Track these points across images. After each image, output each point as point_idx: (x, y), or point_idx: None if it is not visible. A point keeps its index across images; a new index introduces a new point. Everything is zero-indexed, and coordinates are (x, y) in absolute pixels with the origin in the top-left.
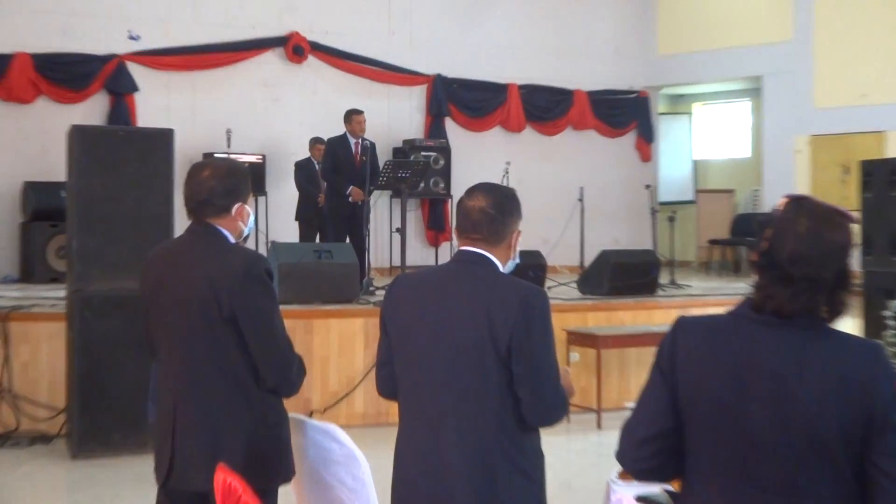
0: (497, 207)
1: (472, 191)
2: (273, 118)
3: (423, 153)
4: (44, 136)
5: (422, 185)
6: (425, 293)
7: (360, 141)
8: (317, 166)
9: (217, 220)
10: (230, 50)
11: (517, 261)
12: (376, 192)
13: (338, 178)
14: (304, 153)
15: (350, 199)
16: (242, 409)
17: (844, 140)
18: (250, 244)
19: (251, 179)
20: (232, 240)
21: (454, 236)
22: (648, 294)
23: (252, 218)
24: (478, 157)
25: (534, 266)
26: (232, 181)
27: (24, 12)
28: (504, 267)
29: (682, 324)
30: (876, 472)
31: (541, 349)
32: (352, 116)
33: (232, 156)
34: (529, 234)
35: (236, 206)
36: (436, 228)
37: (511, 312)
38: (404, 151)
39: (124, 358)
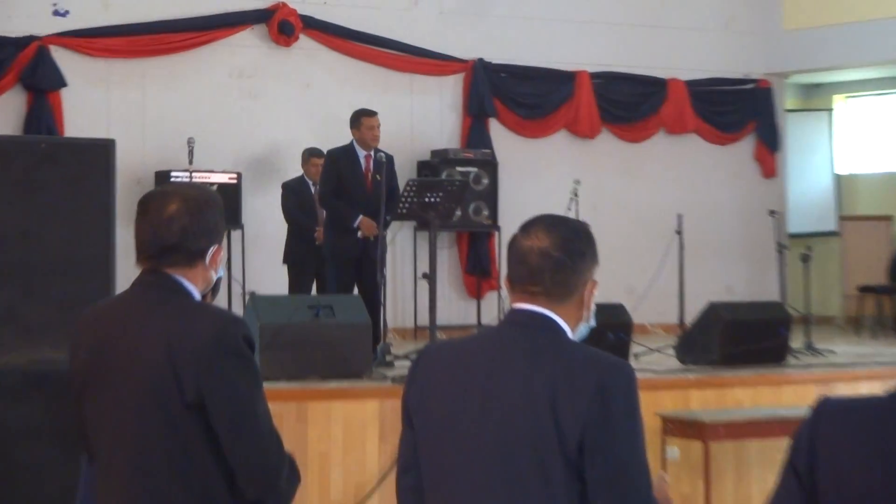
0: (564, 249)
1: (530, 226)
2: (252, 122)
3: (459, 169)
4: None
5: (458, 212)
6: (465, 371)
7: (371, 154)
8: (313, 188)
9: (182, 270)
10: (193, 28)
11: (592, 322)
12: (395, 224)
13: (342, 205)
14: (296, 170)
15: (359, 233)
16: None
17: None
18: (220, 298)
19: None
20: (197, 295)
21: (504, 287)
22: (775, 364)
23: (223, 258)
24: (535, 174)
25: (615, 327)
26: (210, 217)
27: None
28: (574, 331)
29: (825, 408)
30: None
31: (625, 447)
32: (361, 120)
33: (197, 175)
34: (608, 282)
35: (212, 249)
36: (478, 273)
37: (583, 397)
38: (433, 167)
39: (45, 456)
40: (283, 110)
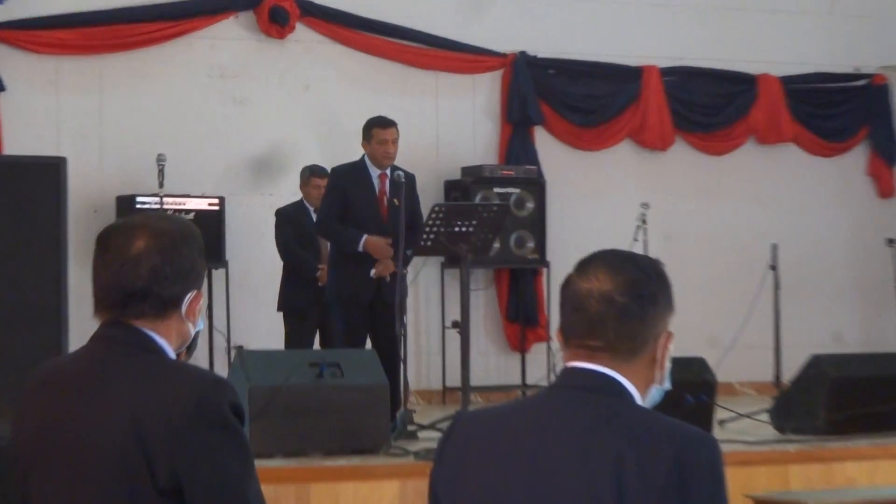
0: (632, 293)
1: (588, 264)
2: (237, 134)
3: (497, 190)
4: None
5: (496, 245)
6: (508, 446)
7: (387, 173)
8: (314, 216)
9: (152, 322)
10: (163, 17)
11: (667, 384)
12: (417, 261)
13: (343, 229)
14: (293, 194)
15: (372, 272)
16: None
17: None
18: (199, 354)
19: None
20: (171, 353)
21: (556, 340)
22: None
23: (203, 306)
24: (592, 196)
25: (695, 387)
26: (186, 256)
27: None
28: (644, 396)
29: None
30: None
31: None
32: (373, 131)
33: (169, 202)
34: (686, 332)
35: (189, 296)
36: (522, 321)
37: (657, 479)
38: (465, 188)
39: None
40: (275, 119)
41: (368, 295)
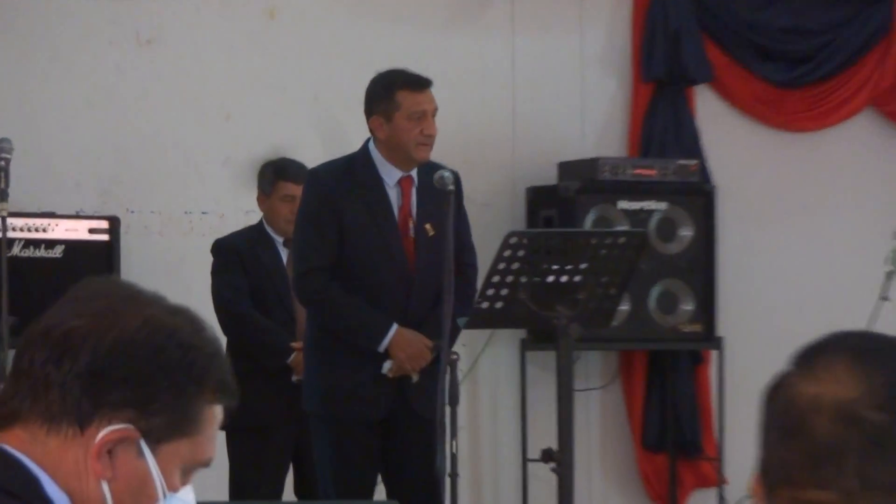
0: (893, 406)
1: (818, 354)
2: (144, 104)
3: (625, 205)
4: None
5: (623, 306)
6: None
7: (412, 175)
8: (282, 251)
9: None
10: None
11: None
12: (473, 337)
13: (360, 320)
14: (245, 211)
15: (387, 369)
16: None
17: None
18: None
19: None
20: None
21: (749, 488)
22: None
23: None
24: (802, 214)
25: None
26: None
27: None
28: None
29: None
30: None
31: None
32: (396, 97)
33: (17, 226)
34: None
35: (110, 429)
36: (671, 449)
37: None
38: (565, 201)
39: None
40: (213, 74)
41: (383, 406)
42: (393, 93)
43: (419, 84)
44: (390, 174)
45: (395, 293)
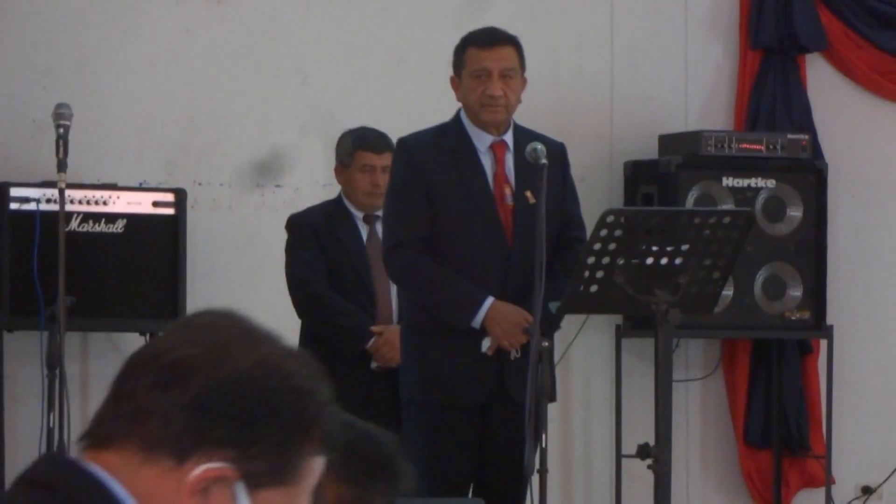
0: None
1: None
2: (208, 69)
3: (731, 182)
4: None
5: (727, 290)
6: None
7: (507, 140)
8: (363, 229)
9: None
10: None
11: None
12: (570, 322)
13: (455, 294)
14: (319, 185)
15: (486, 346)
16: None
17: None
18: None
19: None
20: None
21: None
22: None
23: None
24: None
25: None
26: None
27: None
28: None
29: None
30: None
31: None
32: (466, 53)
33: (76, 198)
34: None
35: (206, 467)
36: (777, 445)
37: None
38: (665, 177)
39: None
40: (288, 34)
41: (483, 388)
42: (464, 50)
43: (487, 41)
44: (481, 139)
45: (492, 265)
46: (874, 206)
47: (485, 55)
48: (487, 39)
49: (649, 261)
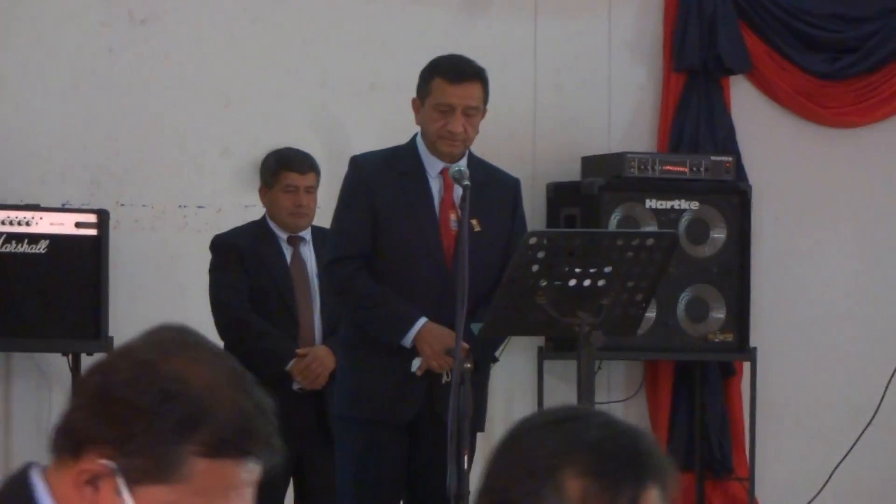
0: None
1: None
2: (138, 83)
3: (654, 204)
4: None
5: (650, 312)
6: None
7: (458, 171)
8: (286, 250)
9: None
10: None
11: None
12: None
13: (391, 311)
14: (244, 206)
15: (416, 367)
16: None
17: None
18: None
19: None
20: None
21: None
22: None
23: None
24: (846, 218)
25: None
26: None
27: None
28: None
29: None
30: None
31: None
32: (432, 82)
33: None
34: None
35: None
36: (698, 467)
37: None
38: (588, 199)
39: None
40: (212, 57)
41: (411, 406)
42: (431, 78)
43: (455, 75)
44: (433, 164)
45: (430, 289)
46: (798, 228)
47: (451, 90)
48: (456, 74)
49: (572, 282)
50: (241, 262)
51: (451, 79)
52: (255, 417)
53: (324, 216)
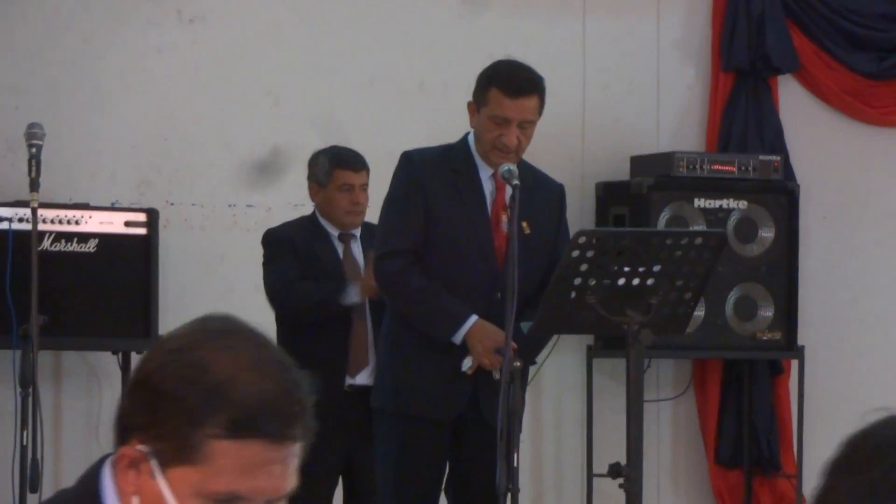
0: None
1: None
2: (183, 86)
3: (703, 203)
4: None
5: (698, 311)
6: None
7: (508, 174)
8: (339, 247)
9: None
10: None
11: None
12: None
13: (443, 309)
14: (292, 202)
15: (467, 366)
16: None
17: None
18: None
19: None
20: None
21: None
22: None
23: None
24: (890, 212)
25: None
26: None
27: None
28: None
29: None
30: None
31: None
32: (490, 91)
33: (48, 218)
34: None
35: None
36: (748, 463)
37: None
38: (637, 198)
39: None
40: (260, 55)
41: (455, 405)
42: (488, 88)
43: (514, 89)
44: (485, 167)
45: (480, 288)
46: (845, 227)
47: (508, 104)
48: (514, 88)
49: (621, 281)
50: (294, 253)
51: (509, 92)
52: (278, 399)
53: (370, 214)
